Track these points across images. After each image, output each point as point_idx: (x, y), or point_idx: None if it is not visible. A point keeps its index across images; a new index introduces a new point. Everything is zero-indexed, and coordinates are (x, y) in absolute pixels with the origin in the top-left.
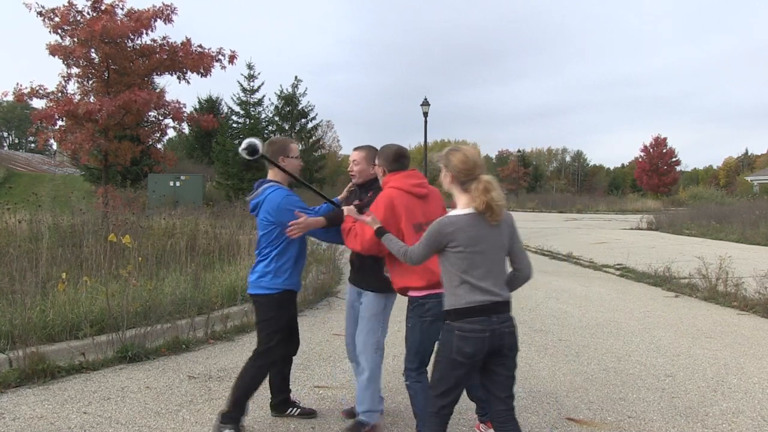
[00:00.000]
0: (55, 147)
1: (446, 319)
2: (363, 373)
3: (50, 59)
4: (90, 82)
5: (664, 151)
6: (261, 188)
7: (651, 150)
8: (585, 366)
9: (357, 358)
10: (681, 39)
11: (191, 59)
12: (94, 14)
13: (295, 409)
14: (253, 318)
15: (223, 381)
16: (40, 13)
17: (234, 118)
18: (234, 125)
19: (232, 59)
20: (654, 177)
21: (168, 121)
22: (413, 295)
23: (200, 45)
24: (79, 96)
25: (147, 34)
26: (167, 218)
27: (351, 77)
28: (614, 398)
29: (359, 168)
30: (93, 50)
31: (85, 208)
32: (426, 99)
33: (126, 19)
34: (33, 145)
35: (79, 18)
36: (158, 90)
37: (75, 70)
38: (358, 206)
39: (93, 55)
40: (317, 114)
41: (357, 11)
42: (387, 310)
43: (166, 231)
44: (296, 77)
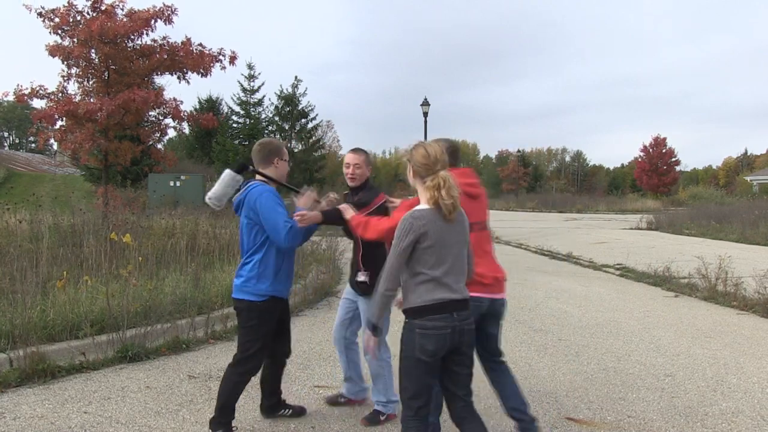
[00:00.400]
0: (56, 147)
1: (406, 318)
2: (374, 368)
3: (50, 59)
4: (90, 83)
5: (664, 151)
6: (245, 187)
7: (651, 150)
8: (585, 366)
9: (342, 344)
10: (681, 39)
11: (191, 59)
12: (94, 15)
13: (287, 410)
14: None
15: None
16: (41, 14)
17: (234, 118)
18: (234, 125)
19: (233, 60)
20: (654, 177)
21: (168, 121)
22: None
23: (200, 44)
24: (79, 96)
25: (147, 35)
26: (167, 218)
27: (351, 77)
28: (614, 398)
29: (361, 171)
30: (93, 51)
31: (85, 208)
32: (426, 99)
33: (126, 20)
34: (33, 145)
35: (79, 18)
36: (157, 89)
37: (75, 71)
38: (354, 205)
39: (93, 56)
40: (317, 114)
41: (357, 11)
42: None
43: (166, 231)
44: (296, 77)
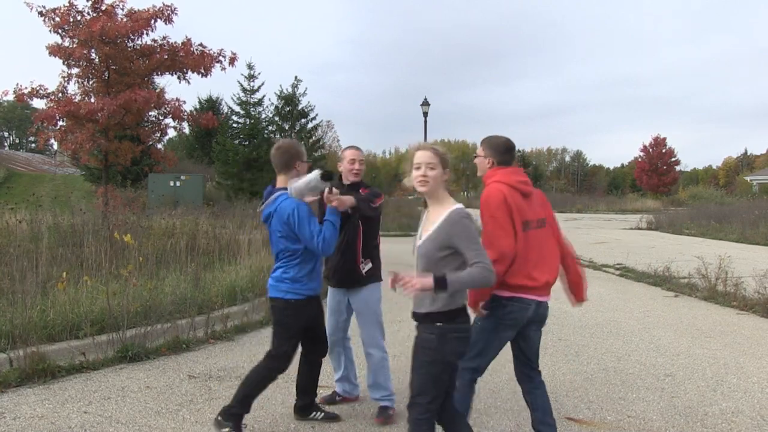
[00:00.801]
0: (56, 147)
1: (440, 322)
2: (378, 360)
3: (50, 59)
4: (90, 83)
5: (664, 151)
6: (273, 197)
7: (651, 150)
8: (585, 365)
9: (340, 345)
10: (681, 39)
11: (192, 59)
12: (95, 15)
13: (320, 413)
14: (254, 317)
15: (223, 381)
16: (41, 13)
17: (234, 118)
18: (234, 125)
19: (233, 61)
20: (654, 177)
21: (168, 121)
22: (498, 295)
23: (201, 44)
24: (80, 96)
25: (147, 35)
26: (167, 218)
27: (351, 77)
28: (614, 398)
29: (363, 167)
30: (93, 51)
31: (85, 208)
32: (426, 99)
33: (126, 20)
34: (33, 145)
35: (80, 18)
36: (158, 89)
37: (75, 71)
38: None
39: (93, 56)
40: (317, 114)
41: (357, 11)
42: (380, 296)
43: (166, 231)
44: (296, 77)
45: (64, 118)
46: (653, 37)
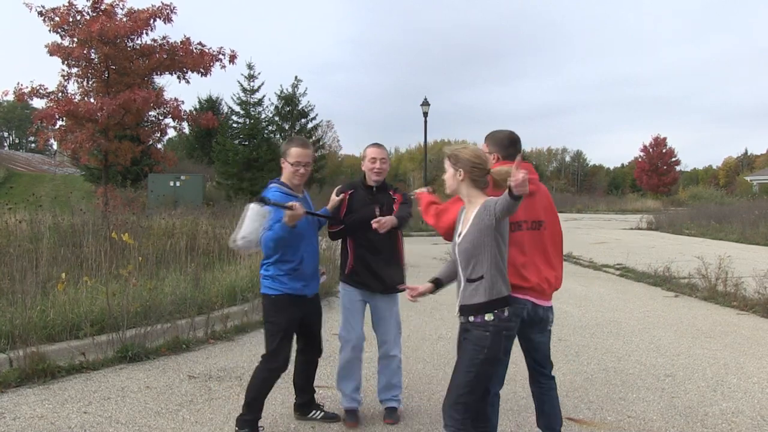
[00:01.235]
0: (55, 147)
1: (487, 313)
2: (398, 362)
3: (50, 59)
4: (90, 83)
5: (664, 151)
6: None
7: (651, 150)
8: (585, 366)
9: (360, 352)
10: (681, 39)
11: (191, 58)
12: (94, 14)
13: (319, 413)
14: (254, 317)
15: (223, 381)
16: (41, 13)
17: (234, 118)
18: (234, 125)
19: (233, 59)
20: (654, 177)
21: (168, 121)
22: None
23: (200, 43)
24: (79, 96)
25: (147, 34)
26: (167, 218)
27: (351, 77)
28: (614, 398)
29: (386, 166)
30: (92, 50)
31: (85, 208)
32: (426, 99)
33: (125, 20)
34: (33, 145)
35: (79, 18)
36: (157, 89)
37: (75, 70)
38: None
39: (92, 56)
40: (317, 114)
41: (357, 11)
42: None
43: (166, 231)
44: (296, 77)
45: (64, 118)
46: (653, 37)
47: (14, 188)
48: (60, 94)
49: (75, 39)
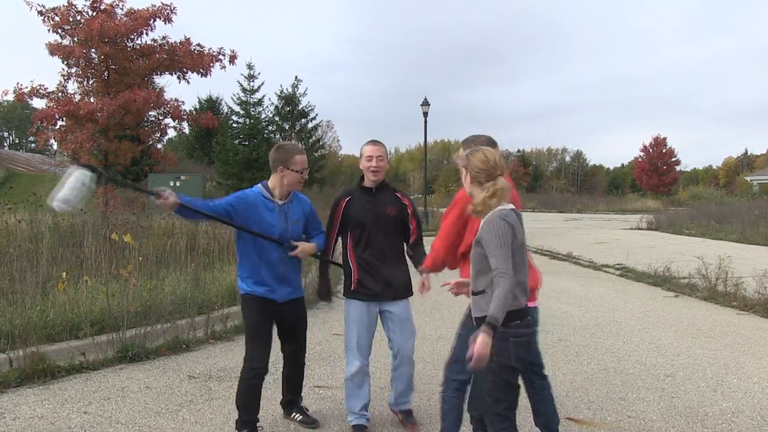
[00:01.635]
0: (56, 147)
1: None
2: (412, 368)
3: (50, 59)
4: (90, 82)
5: (664, 151)
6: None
7: (651, 150)
8: (585, 366)
9: (367, 366)
10: (681, 39)
11: (191, 59)
12: (94, 14)
13: (297, 415)
14: None
15: (223, 381)
16: (41, 12)
17: (234, 118)
18: (234, 125)
19: (233, 59)
20: (654, 177)
21: (168, 121)
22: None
23: (199, 44)
24: (79, 96)
25: (147, 34)
26: (167, 218)
27: (351, 77)
28: (614, 398)
29: (383, 164)
30: (93, 50)
31: (85, 208)
32: (426, 99)
33: (125, 19)
34: (33, 145)
35: (79, 18)
36: (157, 89)
37: (75, 70)
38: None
39: (93, 55)
40: (317, 114)
41: (357, 11)
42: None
43: (166, 231)
44: (296, 77)
45: (64, 118)
46: (653, 37)
47: (14, 188)
48: (60, 94)
49: (75, 38)
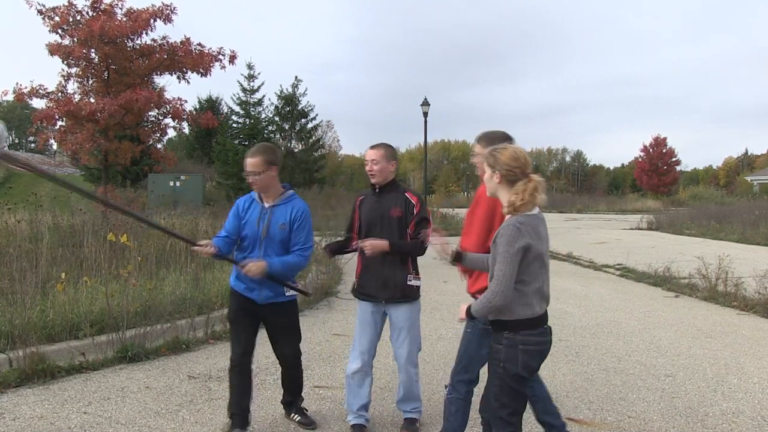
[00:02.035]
0: (55, 147)
1: (505, 331)
2: (413, 375)
3: (50, 59)
4: (90, 82)
5: (664, 151)
6: None
7: (651, 150)
8: (585, 366)
9: (368, 366)
10: (681, 39)
11: (191, 58)
12: (94, 14)
13: (296, 416)
14: None
15: (223, 381)
16: (40, 12)
17: (234, 118)
18: (234, 125)
19: (233, 59)
20: (654, 177)
21: (168, 121)
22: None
23: (200, 44)
24: (79, 96)
25: (147, 34)
26: (167, 218)
27: (351, 77)
28: (614, 398)
29: (379, 167)
30: (92, 50)
31: (85, 208)
32: (426, 99)
33: (125, 19)
34: (33, 145)
35: (79, 18)
36: (158, 89)
37: (75, 70)
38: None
39: (93, 55)
40: (317, 114)
41: (357, 11)
42: (419, 314)
43: None
44: (296, 77)
45: (64, 118)
46: (653, 37)
47: (14, 188)
48: (60, 94)
49: (75, 38)
